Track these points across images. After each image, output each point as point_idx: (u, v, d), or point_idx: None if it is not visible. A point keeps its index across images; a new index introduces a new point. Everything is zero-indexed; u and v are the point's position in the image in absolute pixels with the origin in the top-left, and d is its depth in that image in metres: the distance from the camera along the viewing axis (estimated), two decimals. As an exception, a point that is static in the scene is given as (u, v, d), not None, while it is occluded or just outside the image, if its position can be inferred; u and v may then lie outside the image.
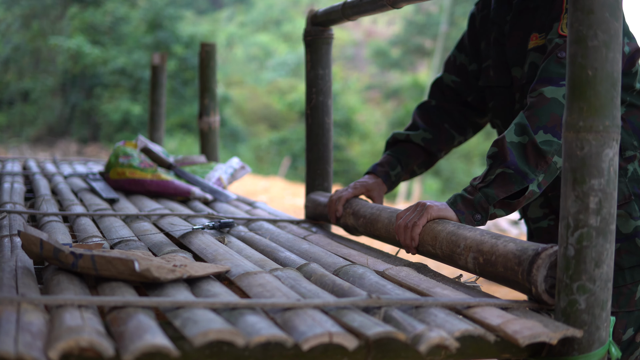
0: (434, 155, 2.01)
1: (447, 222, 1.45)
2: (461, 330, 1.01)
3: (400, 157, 1.98)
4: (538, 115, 1.49)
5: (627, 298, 1.67)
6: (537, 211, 1.80)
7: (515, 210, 1.54)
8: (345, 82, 24.92)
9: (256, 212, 2.27)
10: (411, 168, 2.00)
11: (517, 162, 1.48)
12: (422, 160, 2.01)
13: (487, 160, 1.55)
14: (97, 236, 1.66)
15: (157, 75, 4.50)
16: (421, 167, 2.02)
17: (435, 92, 2.04)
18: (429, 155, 2.01)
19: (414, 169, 2.01)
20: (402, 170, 1.98)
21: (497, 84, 1.83)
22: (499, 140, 1.52)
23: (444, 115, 2.00)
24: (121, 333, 0.91)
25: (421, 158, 2.00)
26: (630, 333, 1.68)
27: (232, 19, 30.47)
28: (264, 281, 1.22)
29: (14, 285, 1.12)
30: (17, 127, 20.28)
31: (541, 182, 1.49)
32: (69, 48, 19.27)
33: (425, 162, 2.02)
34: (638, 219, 1.67)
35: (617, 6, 1.06)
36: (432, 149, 1.99)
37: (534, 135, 1.48)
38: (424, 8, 24.52)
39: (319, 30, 2.09)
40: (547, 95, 1.51)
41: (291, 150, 21.40)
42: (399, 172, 1.98)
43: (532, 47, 1.68)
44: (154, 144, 2.78)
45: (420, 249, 1.52)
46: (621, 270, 1.65)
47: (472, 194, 1.53)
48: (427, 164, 2.03)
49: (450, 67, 2.00)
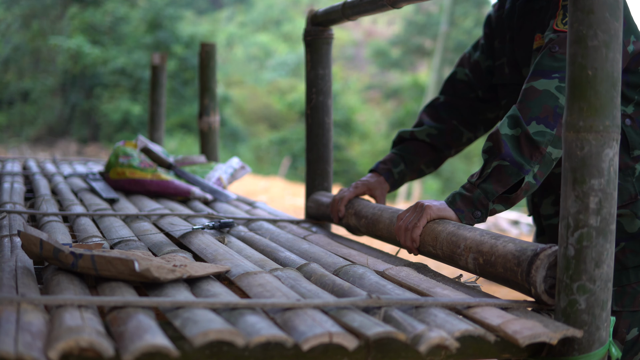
0: (441, 151, 1.98)
1: (448, 223, 1.45)
2: (461, 330, 1.01)
3: (405, 154, 1.96)
4: (530, 107, 1.49)
5: (631, 297, 1.67)
6: (549, 209, 1.80)
7: (514, 204, 1.54)
8: (345, 82, 24.93)
9: (256, 212, 2.27)
10: (417, 166, 1.97)
11: (512, 153, 1.48)
12: (429, 158, 1.98)
13: (483, 155, 1.55)
14: (97, 236, 1.66)
15: (157, 75, 4.50)
16: (429, 165, 1.98)
17: (447, 88, 2.02)
18: (436, 152, 1.98)
19: (420, 168, 1.98)
20: (407, 168, 1.96)
21: (511, 82, 1.84)
22: (493, 134, 1.53)
23: (453, 110, 1.98)
24: (121, 333, 0.91)
25: (428, 156, 1.97)
26: (634, 333, 1.67)
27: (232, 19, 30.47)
28: (264, 281, 1.22)
29: (13, 285, 1.12)
30: (17, 127, 20.29)
31: (537, 174, 1.49)
32: (69, 48, 19.28)
33: (433, 160, 1.99)
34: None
35: (617, 6, 1.06)
36: (438, 145, 1.97)
37: (527, 127, 1.48)
38: (424, 8, 24.53)
39: (319, 30, 2.09)
40: (538, 88, 1.51)
41: (291, 150, 21.41)
42: (402, 170, 1.95)
43: (536, 48, 1.69)
44: (154, 144, 2.78)
45: (421, 249, 1.52)
46: (625, 269, 1.65)
47: (471, 191, 1.53)
48: (435, 162, 2.00)
49: (465, 62, 1.99)
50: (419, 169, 1.98)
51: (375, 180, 1.94)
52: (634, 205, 1.67)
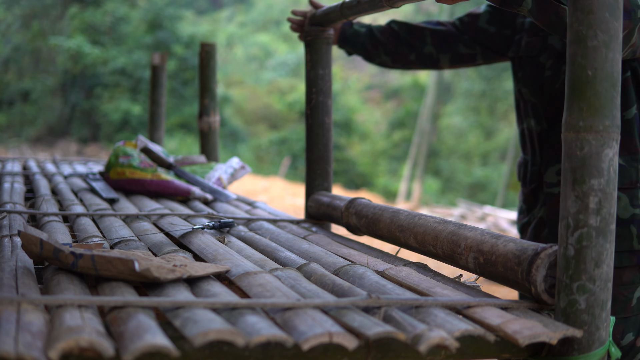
0: (401, 45, 2.12)
1: (448, 222, 1.46)
2: (461, 330, 1.01)
3: (375, 28, 2.14)
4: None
5: (623, 305, 1.68)
6: (553, 177, 1.85)
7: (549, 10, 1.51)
8: (345, 82, 24.93)
9: (256, 212, 2.27)
10: (375, 43, 2.12)
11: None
12: (389, 45, 2.12)
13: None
14: (97, 236, 1.66)
15: (157, 75, 4.50)
16: (387, 52, 2.13)
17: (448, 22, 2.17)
18: (396, 44, 2.12)
19: (377, 47, 2.13)
20: (367, 37, 2.12)
21: (526, 54, 1.90)
22: None
23: (436, 25, 2.12)
24: (121, 333, 0.91)
25: (389, 43, 2.12)
26: (630, 338, 1.68)
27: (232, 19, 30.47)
28: (264, 281, 1.23)
29: (14, 285, 1.12)
30: (17, 127, 20.30)
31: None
32: (69, 48, 19.29)
33: (391, 50, 2.13)
34: (637, 207, 1.70)
35: (617, 6, 1.06)
36: (403, 39, 2.11)
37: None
38: (424, 8, 24.53)
39: (319, 30, 2.09)
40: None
41: (291, 150, 21.42)
42: (362, 33, 2.12)
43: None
44: (154, 144, 2.78)
45: (422, 248, 1.52)
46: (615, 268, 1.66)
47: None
48: (392, 53, 2.13)
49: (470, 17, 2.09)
50: (374, 46, 2.13)
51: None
52: (631, 191, 1.69)
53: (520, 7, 1.50)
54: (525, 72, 1.91)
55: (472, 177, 20.95)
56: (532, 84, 1.89)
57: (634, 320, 1.69)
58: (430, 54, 2.10)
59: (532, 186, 1.92)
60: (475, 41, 2.06)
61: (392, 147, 23.51)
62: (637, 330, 1.70)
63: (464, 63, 2.12)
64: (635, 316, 1.70)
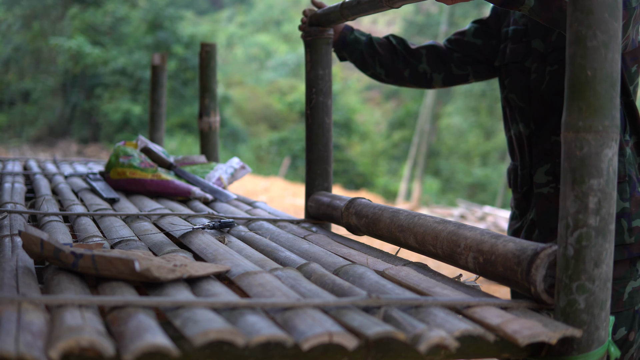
0: (397, 60, 2.13)
1: (448, 222, 1.46)
2: (461, 330, 1.01)
3: (374, 39, 2.14)
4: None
5: (614, 300, 1.69)
6: (542, 177, 1.87)
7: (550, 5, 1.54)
8: (345, 82, 24.94)
9: (256, 212, 2.27)
10: (372, 53, 2.13)
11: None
12: (385, 57, 2.13)
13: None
14: (97, 236, 1.66)
15: (157, 75, 4.50)
16: (381, 64, 2.13)
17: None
18: (392, 57, 2.13)
19: (374, 57, 2.13)
20: (365, 46, 2.12)
21: (511, 60, 1.94)
22: None
23: (433, 46, 2.16)
24: (121, 333, 0.92)
25: (386, 55, 2.13)
26: (622, 332, 1.69)
27: (232, 19, 30.49)
28: (264, 281, 1.23)
29: (14, 285, 1.12)
30: (18, 127, 20.31)
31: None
32: (70, 48, 19.29)
33: (386, 63, 2.13)
34: (626, 200, 1.74)
35: (616, 6, 1.07)
36: (400, 54, 2.13)
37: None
38: (424, 8, 24.53)
39: (319, 31, 2.09)
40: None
41: (291, 150, 21.42)
42: (361, 41, 2.12)
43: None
44: (154, 144, 2.78)
45: (421, 248, 1.52)
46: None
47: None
48: (386, 66, 2.13)
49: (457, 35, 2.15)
50: (371, 56, 2.13)
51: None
52: (620, 185, 1.76)
53: (522, 6, 1.51)
54: (512, 78, 1.95)
55: (472, 177, 20.96)
56: (519, 89, 1.93)
57: (626, 314, 1.70)
58: (425, 72, 2.13)
59: (523, 190, 1.94)
60: (465, 58, 2.10)
61: (392, 147, 23.52)
62: (630, 325, 1.71)
63: (456, 83, 2.17)
64: (627, 310, 1.71)
